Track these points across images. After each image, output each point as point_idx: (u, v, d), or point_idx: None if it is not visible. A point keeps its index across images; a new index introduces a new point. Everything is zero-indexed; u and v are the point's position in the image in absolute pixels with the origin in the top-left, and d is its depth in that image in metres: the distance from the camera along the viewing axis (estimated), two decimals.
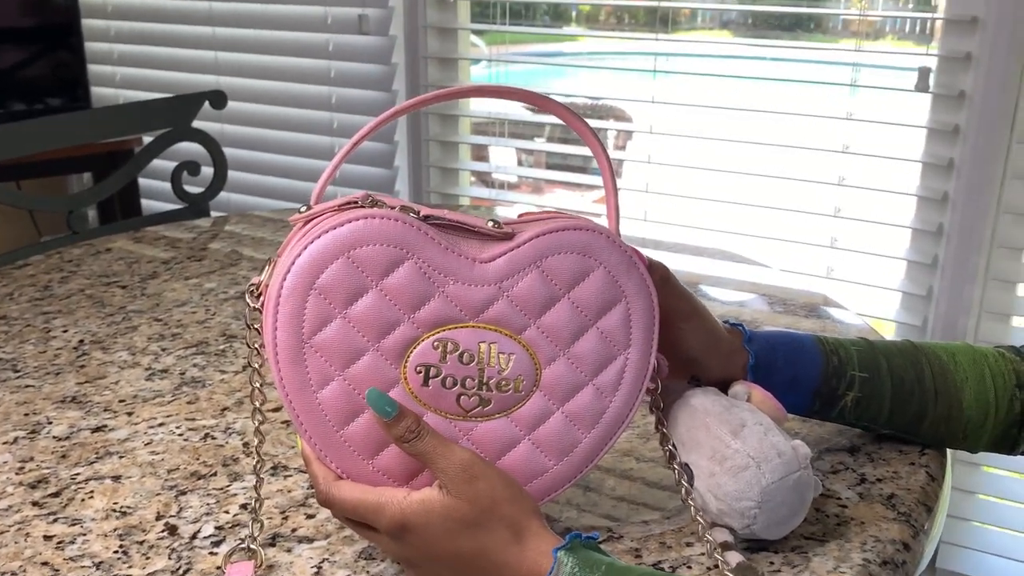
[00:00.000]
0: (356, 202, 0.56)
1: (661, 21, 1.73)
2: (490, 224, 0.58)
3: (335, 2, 2.04)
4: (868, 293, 1.65)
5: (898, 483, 0.71)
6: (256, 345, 0.59)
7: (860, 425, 0.73)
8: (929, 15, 1.58)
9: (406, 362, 0.56)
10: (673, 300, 0.64)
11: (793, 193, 1.67)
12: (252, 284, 0.57)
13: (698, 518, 0.61)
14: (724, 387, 0.67)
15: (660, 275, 0.63)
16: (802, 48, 1.69)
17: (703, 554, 0.63)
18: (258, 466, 0.63)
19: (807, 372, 0.69)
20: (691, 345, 0.66)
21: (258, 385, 0.61)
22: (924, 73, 1.49)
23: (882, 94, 1.62)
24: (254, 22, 2.19)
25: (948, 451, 0.77)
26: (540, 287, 0.57)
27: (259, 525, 0.62)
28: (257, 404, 0.61)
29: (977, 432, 0.71)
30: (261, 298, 0.57)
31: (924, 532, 0.67)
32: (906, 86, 1.54)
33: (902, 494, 0.69)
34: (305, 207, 0.58)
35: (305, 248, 0.55)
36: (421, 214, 0.56)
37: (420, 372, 0.56)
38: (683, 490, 0.62)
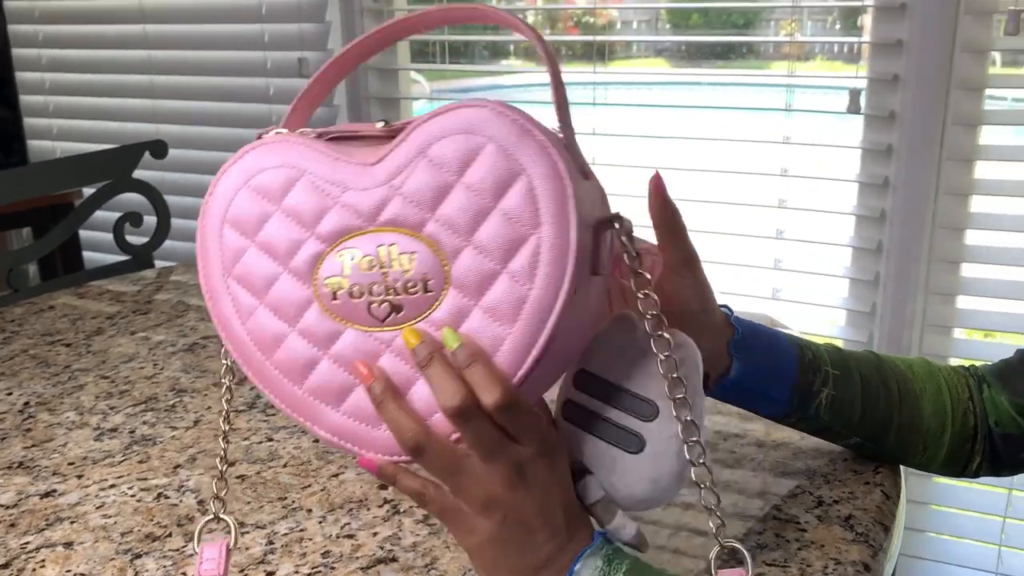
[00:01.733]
0: (261, 136, 0.58)
1: (598, 52, 1.76)
2: (379, 125, 0.57)
3: (274, 47, 2.04)
4: (813, 312, 1.68)
5: (855, 503, 0.72)
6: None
7: (834, 428, 0.73)
8: (855, 39, 1.63)
9: (315, 279, 0.55)
10: (677, 245, 0.64)
11: (736, 216, 1.70)
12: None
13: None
14: (707, 360, 0.61)
15: (671, 219, 0.64)
16: (738, 74, 1.73)
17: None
18: (225, 423, 0.62)
19: (785, 364, 0.70)
20: (685, 298, 0.65)
21: (228, 362, 0.61)
22: (855, 95, 1.53)
23: (818, 117, 1.66)
24: (192, 69, 2.17)
25: (901, 466, 0.78)
26: (430, 177, 0.53)
27: (225, 487, 0.62)
28: (227, 361, 0.61)
29: (936, 444, 0.72)
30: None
31: (883, 551, 0.68)
32: (839, 108, 1.58)
33: (859, 514, 0.70)
34: None
35: (215, 185, 0.57)
36: (314, 134, 0.57)
37: (328, 286, 0.55)
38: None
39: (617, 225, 0.56)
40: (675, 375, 0.54)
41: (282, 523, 0.73)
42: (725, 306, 0.70)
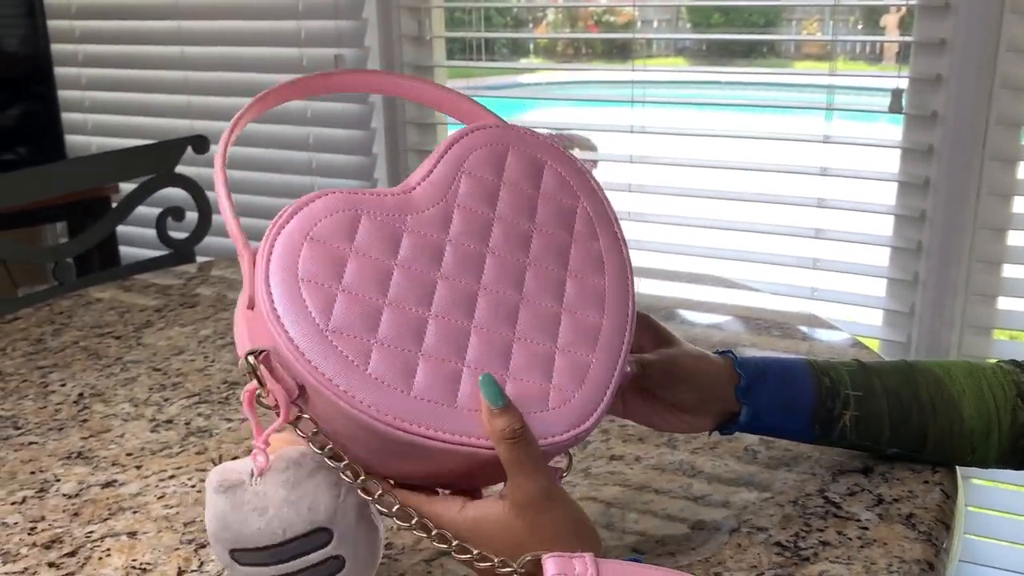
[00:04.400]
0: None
1: (619, 50, 1.75)
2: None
3: (311, 43, 2.05)
4: (851, 312, 1.68)
5: (915, 502, 0.72)
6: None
7: (864, 446, 0.74)
8: (898, 38, 1.62)
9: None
10: (650, 335, 0.70)
11: (774, 215, 1.70)
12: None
13: None
14: (716, 413, 0.70)
15: (644, 322, 0.69)
16: (776, 72, 1.73)
17: None
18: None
19: (800, 395, 0.71)
20: (682, 366, 0.68)
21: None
22: (897, 94, 1.53)
23: (856, 116, 1.65)
24: (227, 65, 2.19)
25: (958, 468, 0.78)
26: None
27: None
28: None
29: (984, 444, 0.72)
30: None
31: (945, 551, 0.68)
32: (876, 107, 1.58)
33: (920, 513, 0.70)
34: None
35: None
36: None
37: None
38: None
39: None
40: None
41: None
42: (729, 351, 0.72)
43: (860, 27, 1.77)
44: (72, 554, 0.70)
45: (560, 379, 0.56)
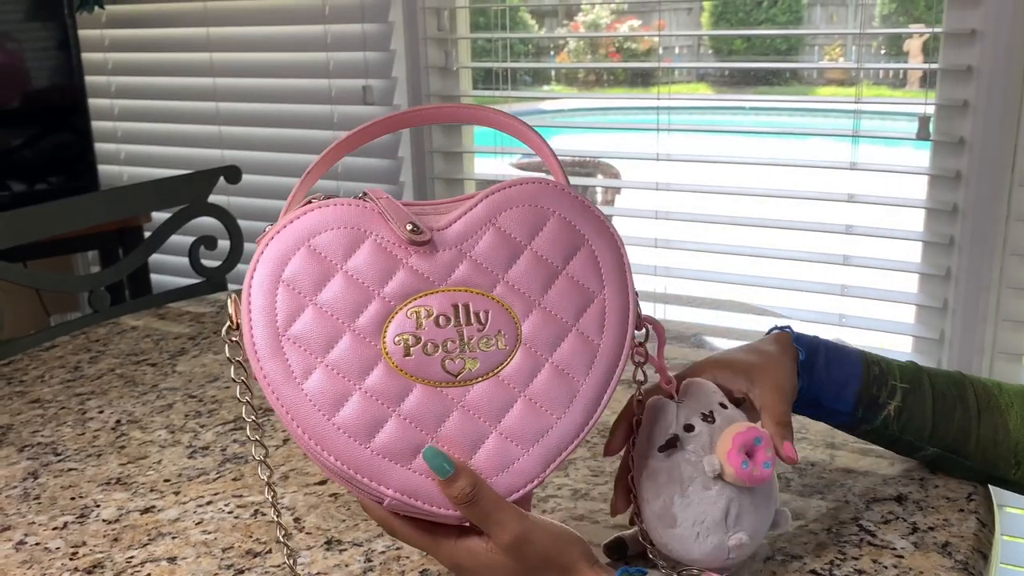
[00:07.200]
0: (311, 201, 0.59)
1: (641, 77, 1.77)
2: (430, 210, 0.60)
3: (339, 74, 2.08)
4: (880, 339, 1.67)
5: (950, 530, 0.71)
6: (242, 379, 0.59)
7: (905, 440, 0.75)
8: (923, 65, 1.62)
9: (384, 336, 0.55)
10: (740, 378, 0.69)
11: (802, 242, 1.70)
12: (228, 324, 0.57)
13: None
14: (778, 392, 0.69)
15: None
16: (802, 100, 1.73)
17: None
18: (273, 498, 0.63)
19: (849, 378, 0.73)
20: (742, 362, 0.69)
21: (252, 419, 0.61)
22: (924, 121, 1.53)
23: (880, 143, 1.65)
24: (258, 96, 2.22)
25: (994, 498, 0.77)
26: (500, 243, 0.58)
27: (290, 554, 0.63)
28: (255, 436, 0.61)
29: None
30: (238, 330, 0.56)
31: None
32: (902, 134, 1.58)
33: (956, 541, 0.70)
34: (268, 226, 0.59)
35: (267, 245, 0.56)
36: (372, 196, 0.59)
37: (399, 343, 0.55)
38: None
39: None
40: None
41: (379, 541, 0.74)
42: (787, 327, 0.74)
43: (883, 52, 1.78)
44: None
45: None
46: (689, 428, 0.63)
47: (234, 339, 0.57)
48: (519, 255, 0.58)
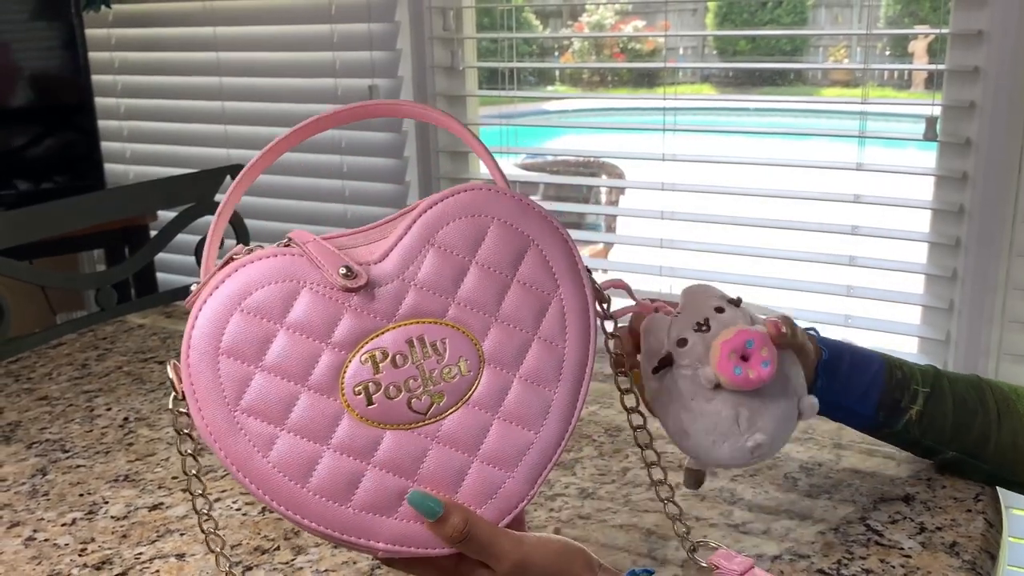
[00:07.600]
0: (233, 258, 0.54)
1: (646, 78, 1.77)
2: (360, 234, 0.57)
3: (345, 74, 2.09)
4: (885, 339, 1.67)
5: (958, 531, 0.72)
6: (188, 452, 0.55)
7: (926, 444, 0.75)
8: (930, 66, 1.62)
9: (342, 389, 0.53)
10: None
11: (808, 242, 1.70)
12: (174, 394, 0.53)
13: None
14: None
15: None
16: (806, 101, 1.73)
17: None
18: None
19: (871, 382, 0.73)
20: None
21: (199, 491, 0.56)
22: (931, 122, 1.53)
23: (887, 144, 1.65)
24: (264, 95, 2.23)
25: (1001, 499, 0.78)
26: (442, 263, 0.55)
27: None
28: (201, 508, 0.57)
29: None
30: (184, 400, 0.52)
31: None
32: (909, 134, 1.58)
33: (964, 542, 0.70)
34: (194, 285, 0.55)
35: (196, 317, 0.52)
36: (297, 242, 0.55)
37: (360, 393, 0.53)
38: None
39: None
40: None
41: None
42: (812, 329, 0.74)
43: (888, 53, 1.78)
44: (123, 575, 0.71)
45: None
46: (682, 342, 0.62)
47: (182, 410, 0.53)
48: (465, 272, 0.55)
